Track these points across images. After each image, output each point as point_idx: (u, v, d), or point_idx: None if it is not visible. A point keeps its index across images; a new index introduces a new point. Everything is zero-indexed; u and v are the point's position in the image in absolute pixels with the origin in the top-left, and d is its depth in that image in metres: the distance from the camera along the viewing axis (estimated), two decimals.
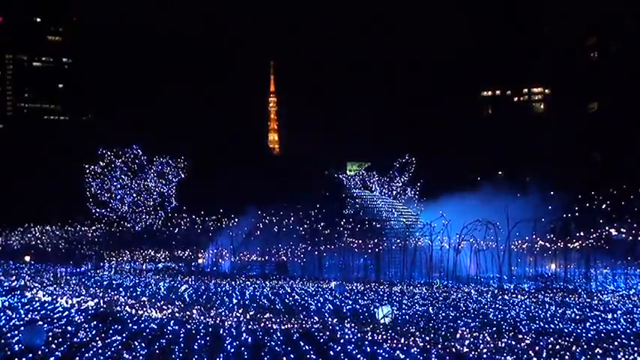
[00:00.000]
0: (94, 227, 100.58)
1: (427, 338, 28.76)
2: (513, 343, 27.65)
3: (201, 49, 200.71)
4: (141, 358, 25.29)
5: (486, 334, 29.28)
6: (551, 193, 75.27)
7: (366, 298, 47.29)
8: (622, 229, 71.16)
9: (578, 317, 36.47)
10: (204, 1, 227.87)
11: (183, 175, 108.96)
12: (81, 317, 35.43)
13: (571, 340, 28.35)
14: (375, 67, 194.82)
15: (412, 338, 28.75)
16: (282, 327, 32.40)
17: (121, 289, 53.00)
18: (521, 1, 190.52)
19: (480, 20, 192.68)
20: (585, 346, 27.02)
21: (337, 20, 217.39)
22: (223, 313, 37.11)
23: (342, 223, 75.15)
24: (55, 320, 34.64)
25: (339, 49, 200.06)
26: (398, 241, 70.45)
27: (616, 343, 27.66)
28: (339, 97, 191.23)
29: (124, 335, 29.64)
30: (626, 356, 25.21)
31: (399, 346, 27.57)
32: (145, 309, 39.15)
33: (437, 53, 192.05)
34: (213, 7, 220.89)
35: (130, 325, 32.96)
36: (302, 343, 27.89)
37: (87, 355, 25.50)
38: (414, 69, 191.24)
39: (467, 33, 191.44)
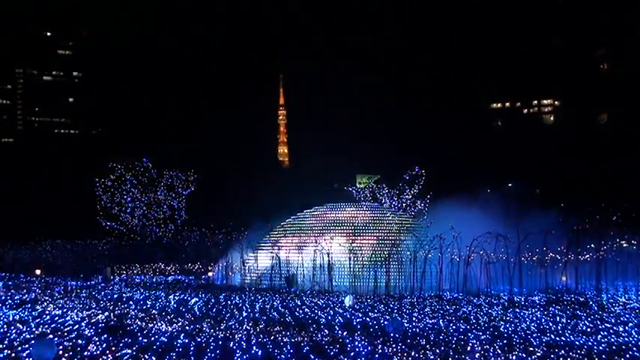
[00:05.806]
0: (104, 240, 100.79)
1: (438, 351, 28.69)
2: (524, 356, 27.54)
3: (210, 63, 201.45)
4: None
5: (497, 347, 29.18)
6: (562, 204, 75.08)
7: (376, 311, 47.15)
8: (633, 241, 70.94)
9: (589, 330, 36.30)
10: (212, 15, 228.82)
11: (192, 188, 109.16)
12: (91, 330, 35.48)
13: (582, 352, 28.22)
14: (385, 80, 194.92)
15: (423, 351, 28.67)
16: (292, 340, 32.38)
17: (131, 302, 53.03)
18: (530, 12, 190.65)
19: (490, 32, 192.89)
20: (597, 359, 26.90)
21: (346, 33, 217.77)
22: (233, 326, 37.11)
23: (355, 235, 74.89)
24: (66, 333, 34.69)
25: (348, 61, 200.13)
26: (408, 253, 70.23)
27: (628, 356, 27.53)
28: (348, 109, 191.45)
29: (134, 348, 29.66)
30: None
31: (410, 359, 27.50)
32: (155, 322, 39.20)
33: (446, 65, 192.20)
34: (221, 21, 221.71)
35: (140, 338, 32.98)
36: (312, 356, 27.86)
37: None
38: (423, 81, 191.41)
39: (476, 45, 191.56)
